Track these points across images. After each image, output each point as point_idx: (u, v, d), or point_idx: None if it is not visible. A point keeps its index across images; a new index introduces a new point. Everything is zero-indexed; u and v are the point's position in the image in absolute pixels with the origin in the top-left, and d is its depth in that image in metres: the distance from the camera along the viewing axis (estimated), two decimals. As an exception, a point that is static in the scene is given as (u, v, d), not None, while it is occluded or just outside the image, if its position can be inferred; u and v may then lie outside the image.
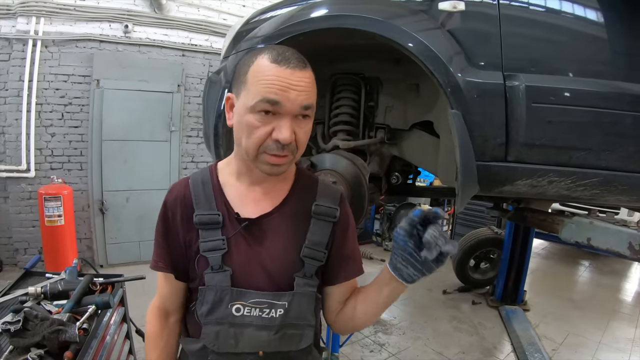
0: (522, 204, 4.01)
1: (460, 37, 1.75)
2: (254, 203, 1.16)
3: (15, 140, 5.36)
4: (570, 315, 5.21)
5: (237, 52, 2.10)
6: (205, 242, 1.11)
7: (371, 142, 2.41)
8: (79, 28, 5.55)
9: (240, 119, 1.04)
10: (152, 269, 1.22)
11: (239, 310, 1.09)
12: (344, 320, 1.29)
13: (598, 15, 1.81)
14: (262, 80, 0.99)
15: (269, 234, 1.14)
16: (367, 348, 4.19)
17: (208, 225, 1.12)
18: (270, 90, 0.98)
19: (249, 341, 1.11)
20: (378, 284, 1.19)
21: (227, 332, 1.10)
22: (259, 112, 1.00)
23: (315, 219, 1.18)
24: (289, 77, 0.99)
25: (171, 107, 6.14)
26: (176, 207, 1.16)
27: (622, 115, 1.71)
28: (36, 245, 5.49)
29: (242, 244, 1.12)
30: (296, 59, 1.01)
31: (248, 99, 1.00)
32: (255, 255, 1.12)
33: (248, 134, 1.03)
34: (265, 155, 1.04)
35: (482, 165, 1.71)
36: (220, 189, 1.17)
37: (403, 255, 1.05)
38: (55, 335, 1.63)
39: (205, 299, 1.10)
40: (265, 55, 1.01)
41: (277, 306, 1.11)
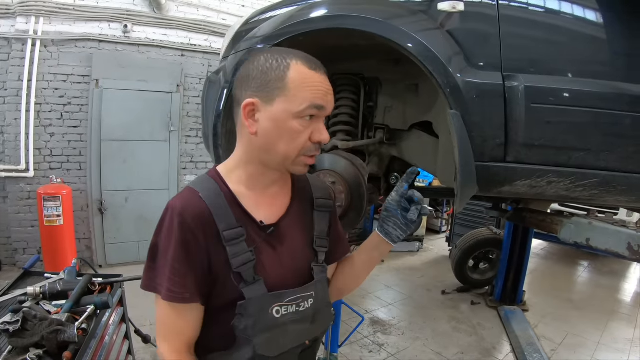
0: (521, 204, 4.01)
1: (459, 37, 1.75)
2: (269, 207, 1.19)
3: (14, 140, 5.36)
4: (569, 316, 5.22)
5: (236, 52, 2.10)
6: (236, 257, 1.08)
7: (370, 142, 2.41)
8: (78, 28, 5.55)
9: (280, 125, 1.05)
10: (169, 301, 1.05)
11: (278, 312, 1.12)
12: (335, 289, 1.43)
13: (597, 16, 1.81)
14: (309, 86, 1.04)
15: (287, 234, 1.20)
16: (366, 348, 4.19)
17: (235, 240, 1.08)
18: (317, 96, 1.05)
19: (295, 335, 1.17)
20: (367, 250, 1.37)
21: (275, 335, 1.12)
22: (303, 117, 1.05)
23: (317, 212, 1.29)
24: (325, 82, 1.08)
25: (170, 107, 6.15)
26: (198, 227, 1.05)
27: (621, 116, 1.71)
28: (35, 245, 5.50)
29: (267, 249, 1.15)
30: (322, 65, 1.09)
31: (292, 105, 1.03)
32: (280, 257, 1.17)
33: (291, 139, 1.06)
34: (302, 158, 1.11)
35: (481, 166, 1.71)
36: (234, 198, 1.13)
37: (394, 220, 1.25)
38: (54, 335, 1.63)
39: (247, 313, 1.08)
40: (298, 61, 1.05)
41: (307, 297, 1.18)
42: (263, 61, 1.07)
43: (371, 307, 5.25)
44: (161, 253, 1.06)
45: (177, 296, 1.04)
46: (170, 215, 1.06)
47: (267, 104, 1.05)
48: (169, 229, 1.05)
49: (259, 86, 1.06)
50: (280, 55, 1.07)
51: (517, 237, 5.37)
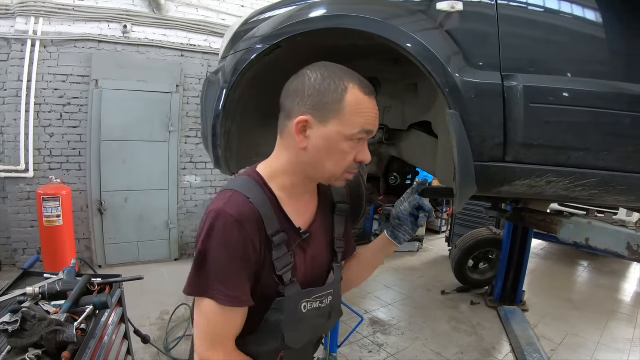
0: (521, 204, 4.01)
1: (458, 37, 1.75)
2: (303, 214, 1.27)
3: (14, 141, 5.37)
4: (569, 316, 5.22)
5: (235, 53, 2.10)
6: (279, 260, 1.15)
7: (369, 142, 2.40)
8: (78, 28, 5.56)
9: (332, 145, 1.11)
10: (233, 306, 1.08)
11: (305, 307, 1.21)
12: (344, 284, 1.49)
13: (596, 16, 1.81)
14: (363, 112, 1.11)
15: (315, 238, 1.29)
16: (366, 348, 4.19)
17: (280, 244, 1.15)
18: (369, 122, 1.12)
19: (316, 330, 1.31)
20: (375, 251, 1.50)
21: (301, 329, 1.23)
22: (354, 140, 1.12)
23: (337, 215, 1.40)
24: (375, 109, 1.15)
25: (170, 107, 6.15)
26: (254, 232, 1.09)
27: (620, 116, 1.71)
28: (35, 245, 5.50)
29: (300, 252, 1.23)
30: (374, 90, 1.17)
31: (346, 128, 1.09)
32: (308, 259, 1.26)
33: (340, 159, 1.13)
34: (346, 174, 1.18)
35: (480, 166, 1.70)
36: (278, 204, 1.18)
37: (404, 228, 1.37)
38: (53, 335, 1.63)
39: (283, 309, 1.16)
40: (356, 85, 1.11)
41: (328, 294, 1.29)
42: (320, 80, 1.11)
43: (371, 307, 5.25)
44: (215, 261, 1.06)
45: (236, 300, 1.08)
46: (224, 224, 1.06)
47: (321, 124, 1.10)
48: (224, 238, 1.05)
49: (314, 105, 1.10)
50: (338, 76, 1.11)
51: (516, 237, 5.37)
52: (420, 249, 7.98)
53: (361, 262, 1.54)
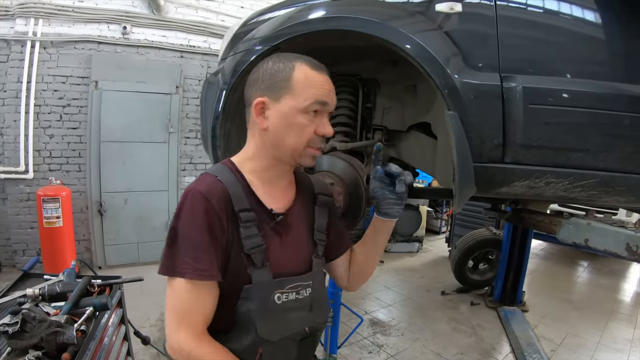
0: (520, 205, 4.01)
1: (457, 38, 1.75)
2: (278, 199, 1.28)
3: (13, 142, 5.37)
4: (568, 316, 5.22)
5: (234, 54, 2.10)
6: (248, 239, 1.15)
7: (369, 143, 2.40)
8: (77, 29, 5.56)
9: (289, 121, 1.17)
10: (201, 280, 1.08)
11: (279, 298, 1.19)
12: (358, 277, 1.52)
13: (595, 16, 1.81)
14: (314, 84, 1.17)
15: (292, 225, 1.29)
16: (366, 349, 4.19)
17: (249, 222, 1.17)
18: (322, 93, 1.17)
19: (295, 322, 1.24)
20: (374, 234, 1.44)
21: (276, 320, 1.18)
22: (308, 112, 1.17)
23: (317, 206, 1.39)
24: (328, 82, 1.21)
25: (169, 108, 6.15)
26: (221, 209, 1.12)
27: (619, 116, 1.71)
28: (34, 246, 5.50)
29: (274, 237, 1.22)
30: (325, 67, 1.22)
31: (298, 101, 1.15)
32: (285, 246, 1.25)
33: (298, 133, 1.18)
34: (309, 150, 1.21)
35: (480, 167, 1.71)
36: (248, 187, 1.22)
37: (387, 202, 1.33)
38: (53, 337, 1.63)
39: (252, 296, 1.14)
40: (302, 63, 1.18)
41: (306, 286, 1.26)
42: (271, 65, 1.20)
43: (370, 308, 5.25)
44: (183, 237, 1.09)
45: (203, 273, 1.08)
46: (192, 200, 1.11)
47: (276, 102, 1.17)
48: (191, 212, 1.10)
49: (267, 86, 1.18)
50: (287, 58, 1.20)
51: (516, 237, 5.37)
52: (419, 250, 7.98)
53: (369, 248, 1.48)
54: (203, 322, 1.11)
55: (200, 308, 1.10)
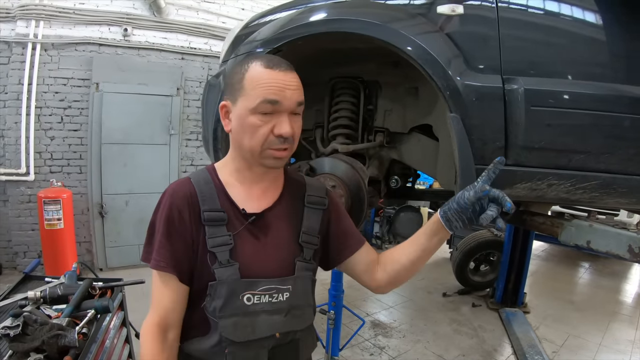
0: (522, 206, 4.01)
1: (459, 40, 1.75)
2: (256, 199, 1.27)
3: (14, 144, 5.37)
4: (570, 317, 5.22)
5: (236, 56, 2.10)
6: (213, 238, 1.17)
7: (370, 145, 2.40)
8: (79, 31, 5.57)
9: (242, 122, 1.15)
10: (153, 268, 1.17)
11: (250, 299, 1.17)
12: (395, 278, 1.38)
13: (596, 18, 1.81)
14: (261, 83, 1.11)
15: (272, 226, 1.26)
16: (367, 351, 4.18)
17: (215, 222, 1.18)
18: (270, 91, 1.11)
19: (265, 326, 1.19)
20: (428, 235, 1.29)
21: (242, 321, 1.16)
22: (260, 112, 1.12)
23: (307, 208, 1.34)
24: (282, 79, 1.13)
25: (170, 110, 6.15)
26: (184, 206, 1.17)
27: (621, 118, 1.71)
28: (35, 248, 5.50)
29: (249, 238, 1.21)
30: (285, 63, 1.17)
31: (249, 102, 1.12)
32: (263, 246, 1.23)
33: (252, 134, 1.15)
34: (269, 151, 1.17)
35: (481, 169, 1.70)
36: (222, 187, 1.24)
37: (461, 215, 1.19)
38: (54, 339, 1.63)
39: (217, 294, 1.15)
40: (256, 62, 1.15)
41: (283, 290, 1.22)
42: (231, 68, 1.21)
43: (372, 310, 5.25)
44: (156, 229, 1.20)
45: (159, 264, 1.16)
46: (163, 197, 1.21)
47: (234, 105, 1.17)
48: (162, 208, 1.19)
49: (227, 90, 1.21)
50: (245, 60, 1.20)
51: (517, 239, 5.37)
52: (421, 251, 7.96)
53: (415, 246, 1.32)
54: (160, 314, 1.17)
55: (160, 299, 1.18)
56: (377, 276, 1.40)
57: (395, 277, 1.38)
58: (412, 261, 1.33)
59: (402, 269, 1.35)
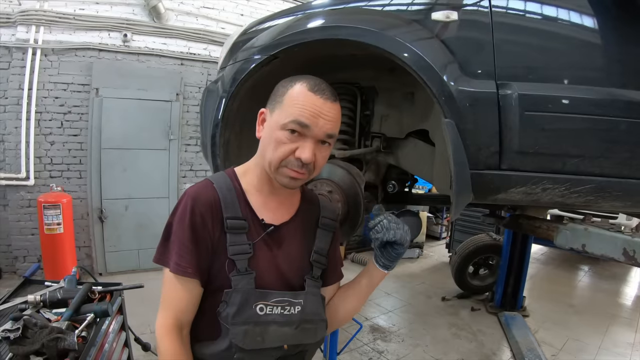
0: (518, 210, 4.02)
1: (453, 46, 1.76)
2: (273, 211, 1.30)
3: (14, 149, 5.39)
4: (569, 321, 5.23)
5: (234, 63, 2.12)
6: (234, 246, 1.19)
7: (367, 151, 2.42)
8: (79, 37, 5.60)
9: (271, 133, 1.18)
10: (175, 273, 1.16)
11: (262, 309, 1.19)
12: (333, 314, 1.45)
13: (590, 22, 1.82)
14: (298, 104, 1.14)
15: (286, 240, 1.29)
16: (366, 355, 4.19)
17: (236, 229, 1.20)
18: (303, 114, 1.13)
19: (274, 336, 1.21)
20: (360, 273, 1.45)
21: (253, 330, 1.18)
22: (288, 130, 1.14)
23: (321, 229, 1.38)
24: (321, 106, 1.15)
25: (170, 115, 6.18)
26: (207, 212, 1.19)
27: (615, 122, 1.71)
28: (35, 253, 5.51)
29: (264, 248, 1.24)
30: (330, 92, 1.18)
31: (281, 117, 1.15)
32: (275, 259, 1.25)
33: (275, 147, 1.17)
34: (285, 169, 1.18)
35: (476, 174, 1.71)
36: (243, 195, 1.26)
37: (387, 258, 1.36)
38: (54, 343, 1.65)
39: (232, 301, 1.17)
40: (304, 82, 1.17)
41: (295, 304, 1.25)
42: (281, 82, 1.23)
43: (371, 314, 5.25)
44: (174, 232, 1.20)
45: (182, 269, 1.16)
46: (185, 200, 1.20)
47: (271, 114, 1.20)
48: (182, 211, 1.19)
49: (271, 99, 1.23)
50: (296, 77, 1.21)
51: (516, 242, 5.39)
52: (420, 256, 7.99)
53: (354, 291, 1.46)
54: (175, 315, 1.19)
55: (177, 300, 1.19)
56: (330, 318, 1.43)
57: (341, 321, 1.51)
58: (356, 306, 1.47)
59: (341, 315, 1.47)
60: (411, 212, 2.46)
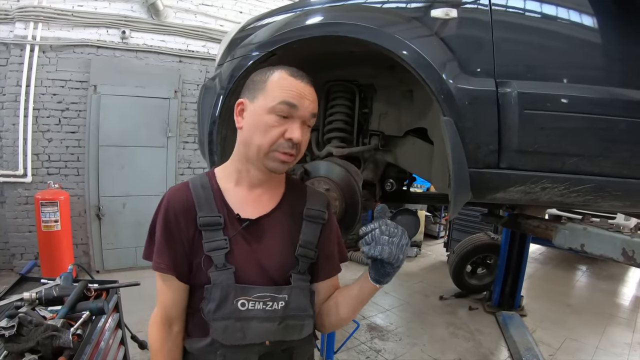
0: (517, 210, 4.02)
1: (452, 44, 1.76)
2: (253, 205, 1.28)
3: (12, 145, 5.37)
4: (567, 320, 5.22)
5: (232, 59, 2.11)
6: (209, 242, 1.20)
7: (365, 149, 2.41)
8: (77, 33, 5.58)
9: (256, 120, 1.18)
10: (154, 269, 1.22)
11: (244, 305, 1.18)
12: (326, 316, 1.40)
13: (590, 21, 1.82)
14: (284, 86, 1.17)
15: (267, 234, 1.27)
16: (364, 354, 4.18)
17: (211, 226, 1.21)
18: (290, 95, 1.17)
19: (256, 332, 1.19)
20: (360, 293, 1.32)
21: (234, 326, 1.17)
22: (276, 113, 1.16)
23: (306, 221, 1.32)
24: (303, 89, 1.19)
25: (168, 112, 6.16)
26: (179, 211, 1.22)
27: (614, 121, 1.71)
28: (32, 250, 5.49)
29: (243, 243, 1.23)
30: (307, 77, 1.23)
31: (267, 101, 1.17)
32: (255, 253, 1.23)
33: (264, 132, 1.17)
34: (276, 153, 1.19)
35: (475, 172, 1.71)
36: (220, 192, 1.27)
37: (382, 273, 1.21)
38: (49, 340, 1.64)
39: (212, 297, 1.17)
40: (282, 69, 1.21)
41: (278, 299, 1.22)
42: (255, 73, 1.26)
43: (368, 313, 5.24)
44: (153, 231, 1.26)
45: (157, 265, 1.22)
46: (162, 201, 1.25)
47: (251, 102, 1.21)
48: (157, 212, 1.25)
49: (248, 88, 1.24)
50: (270, 67, 1.25)
51: (514, 242, 5.38)
52: (418, 255, 7.98)
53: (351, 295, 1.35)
54: (163, 311, 1.26)
55: (162, 295, 1.26)
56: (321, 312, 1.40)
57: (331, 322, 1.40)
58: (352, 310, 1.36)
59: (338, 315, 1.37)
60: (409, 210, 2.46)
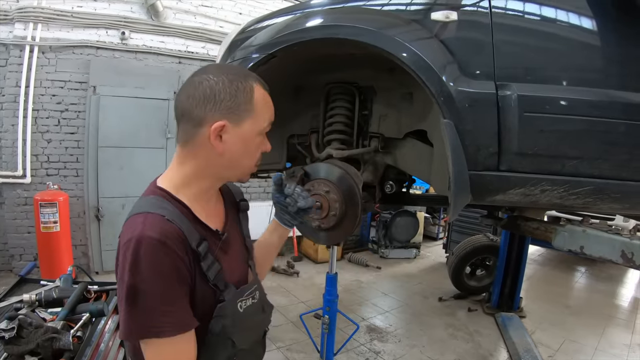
0: (516, 212, 4.02)
1: (453, 46, 1.76)
2: (214, 214, 1.28)
3: (11, 146, 5.37)
4: (566, 322, 5.23)
5: (232, 61, 2.11)
6: (210, 270, 1.10)
7: (365, 151, 2.41)
8: (76, 34, 5.58)
9: (247, 145, 1.16)
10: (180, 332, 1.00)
11: (242, 306, 1.23)
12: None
13: (589, 24, 1.82)
14: (267, 104, 1.19)
15: (231, 237, 1.30)
16: (363, 356, 4.18)
17: (206, 253, 1.09)
18: (272, 111, 1.21)
19: (258, 325, 1.34)
20: (269, 232, 1.57)
21: (247, 328, 1.25)
22: (263, 134, 1.19)
23: (242, 213, 1.44)
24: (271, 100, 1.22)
25: (167, 114, 6.15)
26: (181, 250, 1.02)
27: (614, 124, 1.71)
28: (31, 251, 5.49)
29: (222, 254, 1.21)
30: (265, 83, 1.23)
31: (258, 123, 1.16)
32: (231, 259, 1.26)
33: (254, 154, 1.20)
34: (254, 167, 1.24)
35: (475, 175, 1.71)
36: (191, 214, 1.13)
37: (280, 207, 1.49)
38: (49, 342, 1.64)
39: (225, 313, 1.15)
40: (257, 82, 1.17)
41: (255, 289, 1.33)
42: (228, 83, 1.10)
43: (368, 315, 5.25)
44: (149, 292, 0.97)
45: (185, 325, 1.02)
46: (150, 250, 0.97)
47: (237, 126, 1.12)
48: (153, 265, 0.97)
49: (229, 108, 1.10)
50: (242, 77, 1.14)
51: (513, 243, 5.39)
52: (417, 256, 7.98)
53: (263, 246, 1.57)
54: None
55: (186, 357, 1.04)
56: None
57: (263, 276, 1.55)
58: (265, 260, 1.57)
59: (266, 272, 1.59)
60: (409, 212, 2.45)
